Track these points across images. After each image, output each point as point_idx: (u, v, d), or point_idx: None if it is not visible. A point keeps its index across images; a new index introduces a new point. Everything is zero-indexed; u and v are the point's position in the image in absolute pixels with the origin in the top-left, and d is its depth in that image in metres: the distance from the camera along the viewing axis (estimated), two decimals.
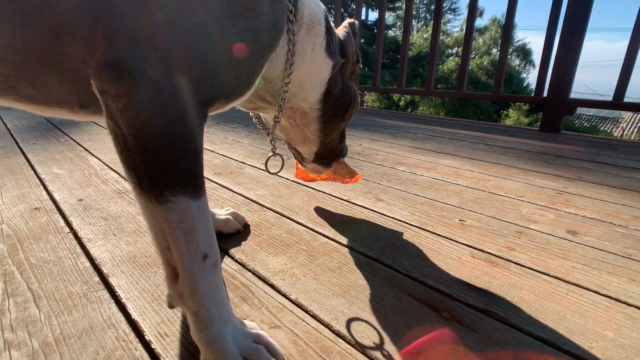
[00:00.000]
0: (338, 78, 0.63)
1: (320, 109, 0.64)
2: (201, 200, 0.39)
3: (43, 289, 0.56)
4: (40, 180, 1.06)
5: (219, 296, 0.42)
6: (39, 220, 0.79)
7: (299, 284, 0.58)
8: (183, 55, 0.36)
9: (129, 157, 0.36)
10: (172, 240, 0.38)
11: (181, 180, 0.37)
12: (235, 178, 1.12)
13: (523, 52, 16.33)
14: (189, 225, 0.38)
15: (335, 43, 0.61)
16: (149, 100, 0.34)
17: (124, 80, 0.33)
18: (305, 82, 0.59)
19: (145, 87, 0.34)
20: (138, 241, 0.71)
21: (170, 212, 0.37)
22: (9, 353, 0.43)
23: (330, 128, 0.68)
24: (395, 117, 2.62)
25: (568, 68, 2.02)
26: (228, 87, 0.43)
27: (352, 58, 0.66)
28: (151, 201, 0.37)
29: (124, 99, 0.34)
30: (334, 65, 0.61)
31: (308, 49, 0.56)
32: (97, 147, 1.47)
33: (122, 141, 0.35)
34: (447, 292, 0.57)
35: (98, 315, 0.50)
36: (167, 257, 0.39)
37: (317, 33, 0.56)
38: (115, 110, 0.34)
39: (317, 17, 0.56)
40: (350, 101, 0.67)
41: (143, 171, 0.36)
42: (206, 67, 0.38)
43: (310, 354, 0.44)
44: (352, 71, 0.68)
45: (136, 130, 0.34)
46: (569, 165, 1.37)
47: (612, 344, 0.47)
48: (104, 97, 0.35)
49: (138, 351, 0.44)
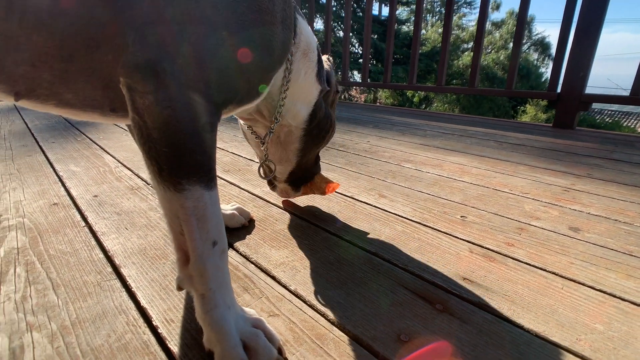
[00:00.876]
0: (322, 103, 0.70)
1: (304, 129, 0.70)
2: (213, 191, 0.43)
3: (61, 277, 0.60)
4: (59, 177, 1.11)
5: (224, 281, 0.45)
6: (58, 215, 0.84)
7: (299, 276, 0.60)
8: (206, 63, 0.40)
9: (151, 148, 0.39)
10: (186, 226, 0.41)
11: (197, 171, 0.41)
12: (243, 175, 1.15)
13: (542, 46, 15.93)
14: (202, 213, 0.41)
15: (323, 71, 0.68)
16: (173, 99, 0.38)
17: (151, 80, 0.37)
18: (296, 100, 0.65)
19: (170, 87, 0.38)
20: (148, 235, 0.75)
21: (186, 199, 0.40)
22: (30, 334, 0.47)
23: (309, 148, 0.74)
24: (405, 114, 2.62)
25: (583, 62, 1.98)
26: (241, 94, 0.48)
27: (334, 88, 0.73)
28: (169, 189, 0.40)
29: (151, 96, 0.37)
30: (321, 91, 0.68)
31: (302, 71, 0.62)
32: (111, 146, 1.53)
33: (146, 134, 0.39)
34: (442, 286, 0.58)
35: (110, 302, 0.54)
36: (180, 242, 0.43)
37: (310, 59, 0.63)
38: (142, 106, 0.38)
39: (311, 45, 0.62)
40: (330, 126, 0.75)
41: (164, 161, 0.39)
42: (225, 75, 0.42)
43: (305, 341, 0.46)
44: (332, 100, 0.76)
45: (160, 125, 0.38)
46: (580, 162, 1.35)
47: (601, 336, 0.48)
48: (131, 93, 0.38)
49: (146, 335, 0.48)
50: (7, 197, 0.94)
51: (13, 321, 0.50)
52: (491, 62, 13.47)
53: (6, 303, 0.54)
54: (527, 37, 15.62)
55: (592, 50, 1.96)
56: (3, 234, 0.75)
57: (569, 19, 2.02)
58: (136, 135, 0.40)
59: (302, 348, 0.45)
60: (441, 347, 0.46)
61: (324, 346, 0.46)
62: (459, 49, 14.89)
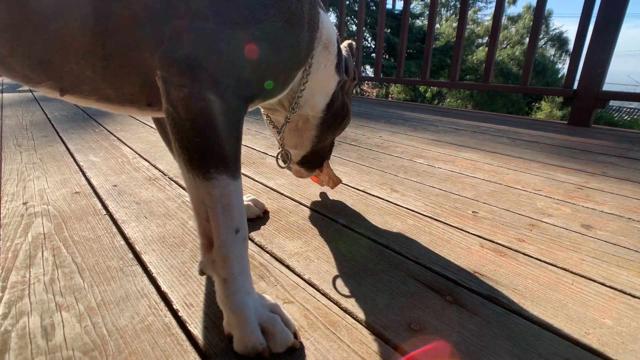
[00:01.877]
0: (339, 93, 0.72)
1: (321, 117, 0.73)
2: (238, 181, 0.45)
3: (85, 262, 0.63)
4: (79, 167, 1.15)
5: (245, 268, 0.47)
6: (80, 203, 0.87)
7: (313, 266, 0.62)
8: (238, 62, 0.42)
9: (183, 138, 0.41)
10: (212, 213, 0.44)
11: (225, 161, 0.43)
12: (257, 168, 1.17)
13: (559, 41, 15.59)
14: (228, 201, 0.44)
15: (342, 63, 0.70)
16: (207, 92, 0.40)
17: (186, 74, 0.40)
18: (315, 92, 0.67)
19: (204, 82, 0.40)
20: (167, 223, 0.77)
21: (214, 187, 0.43)
22: (60, 314, 0.50)
23: (325, 135, 0.77)
24: (417, 110, 2.61)
25: (602, 58, 1.94)
26: (267, 89, 0.50)
27: (351, 76, 0.74)
28: (198, 176, 0.42)
29: (186, 89, 0.40)
30: (339, 82, 0.70)
31: (321, 64, 0.64)
32: (129, 137, 1.56)
33: (179, 124, 0.41)
34: (453, 278, 0.59)
35: (132, 287, 0.57)
36: (205, 228, 0.45)
37: (330, 52, 0.65)
38: (176, 98, 0.40)
39: (332, 39, 0.64)
40: (346, 113, 0.77)
41: (195, 150, 0.42)
42: (255, 73, 0.45)
43: (319, 327, 0.48)
44: (348, 87, 0.78)
45: (193, 116, 0.40)
46: (595, 160, 1.34)
47: (609, 331, 0.48)
48: (166, 86, 0.41)
49: (167, 317, 0.50)
50: (32, 185, 0.98)
51: (43, 301, 0.53)
52: (506, 57, 13.24)
53: (36, 284, 0.57)
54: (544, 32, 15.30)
55: (611, 46, 1.92)
56: (30, 220, 0.78)
57: (588, 13, 1.98)
58: (169, 126, 0.42)
59: (316, 334, 0.47)
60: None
61: (337, 332, 0.47)
62: (474, 44, 14.67)
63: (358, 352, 0.44)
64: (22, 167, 1.14)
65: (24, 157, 1.25)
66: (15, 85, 3.95)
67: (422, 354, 0.44)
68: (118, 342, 0.46)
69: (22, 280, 0.58)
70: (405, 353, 0.44)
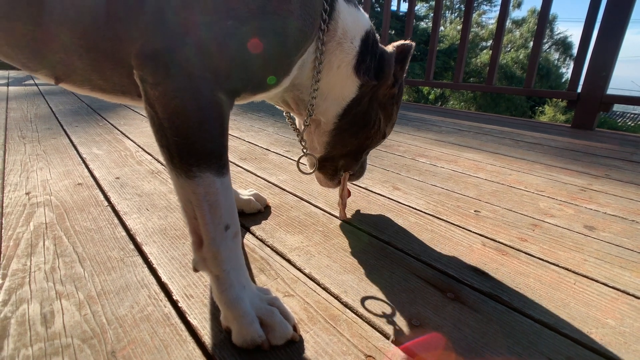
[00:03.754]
0: (365, 98, 0.63)
1: (335, 124, 0.64)
2: (225, 177, 0.44)
3: (86, 252, 0.63)
4: (82, 159, 1.15)
5: (238, 263, 0.46)
6: (82, 194, 0.87)
7: (313, 260, 0.62)
8: (212, 53, 0.41)
9: (163, 137, 0.41)
10: (198, 211, 0.43)
11: (208, 159, 0.42)
12: (259, 163, 1.17)
13: (563, 46, 15.55)
14: (214, 199, 0.43)
15: (370, 63, 0.60)
16: (182, 89, 0.39)
17: (160, 71, 0.39)
18: (327, 95, 0.61)
19: (178, 77, 0.39)
20: (168, 216, 0.77)
21: (197, 185, 0.42)
22: (60, 302, 0.50)
23: (340, 145, 0.68)
24: (421, 110, 2.60)
25: (606, 62, 1.94)
26: (253, 82, 0.48)
27: (386, 81, 0.63)
28: (181, 175, 0.42)
29: (161, 87, 0.39)
30: (361, 85, 0.60)
31: (334, 64, 0.57)
32: (132, 131, 1.57)
33: (158, 123, 0.41)
34: (454, 276, 0.59)
35: (133, 277, 0.56)
36: (194, 225, 0.44)
37: (345, 50, 0.57)
38: (153, 97, 0.40)
39: (349, 34, 0.56)
40: (371, 125, 0.66)
41: (175, 149, 0.41)
42: (234, 62, 0.43)
43: (319, 320, 0.48)
44: (384, 94, 0.65)
45: (170, 114, 0.40)
46: (598, 162, 1.33)
47: (612, 331, 0.48)
48: (143, 84, 0.40)
49: (167, 308, 0.50)
50: (35, 175, 0.98)
51: (43, 289, 0.53)
52: (510, 61, 13.22)
53: (37, 272, 0.57)
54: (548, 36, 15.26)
55: (616, 49, 1.91)
56: (32, 209, 0.78)
57: (593, 17, 1.97)
58: (150, 125, 0.42)
59: (315, 327, 0.47)
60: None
61: (337, 326, 0.47)
62: (478, 47, 14.65)
63: (358, 346, 0.44)
64: (26, 158, 1.14)
65: (27, 148, 1.25)
66: (21, 79, 3.96)
67: (417, 345, 0.44)
68: (117, 331, 0.45)
69: (23, 268, 0.58)
70: (406, 350, 0.44)
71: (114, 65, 0.44)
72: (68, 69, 0.46)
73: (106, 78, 0.46)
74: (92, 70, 0.45)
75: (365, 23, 0.59)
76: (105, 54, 0.43)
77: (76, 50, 0.43)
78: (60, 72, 0.47)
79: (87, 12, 0.41)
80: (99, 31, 0.41)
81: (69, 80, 0.48)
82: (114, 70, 0.45)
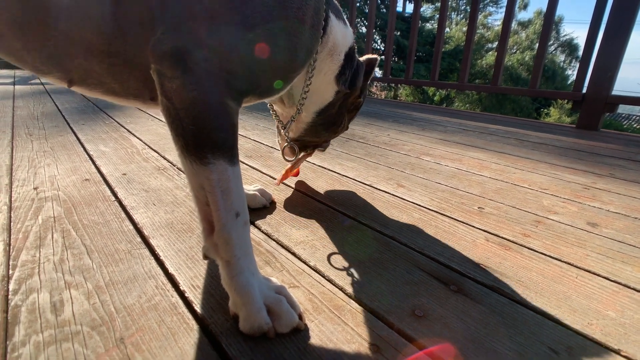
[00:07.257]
0: (337, 103, 0.74)
1: (312, 119, 0.76)
2: (236, 167, 0.46)
3: (94, 244, 0.64)
4: (89, 156, 1.17)
5: (247, 250, 0.47)
6: (89, 190, 0.89)
7: (318, 254, 0.63)
8: (229, 55, 0.43)
9: (179, 126, 0.43)
10: (211, 197, 0.44)
11: (221, 147, 0.44)
12: (265, 161, 1.18)
13: (569, 48, 15.47)
14: (226, 185, 0.44)
15: (348, 75, 0.70)
16: (199, 82, 0.41)
17: (178, 66, 0.41)
18: (312, 95, 0.70)
19: (196, 72, 0.41)
20: (175, 210, 0.78)
21: (211, 172, 0.43)
22: (69, 291, 0.51)
23: (313, 134, 0.81)
24: (426, 110, 2.60)
25: (611, 62, 1.93)
26: (261, 88, 0.51)
27: (355, 92, 0.76)
28: (196, 162, 0.43)
29: (178, 80, 0.41)
30: (338, 91, 0.71)
31: (323, 71, 0.67)
32: (138, 129, 1.58)
33: (174, 114, 0.42)
34: (457, 269, 0.60)
35: (140, 268, 0.57)
36: (206, 212, 0.46)
37: (334, 61, 0.66)
38: (170, 89, 0.42)
39: (338, 48, 0.66)
40: (337, 126, 0.81)
41: (190, 137, 0.43)
42: (248, 69, 0.46)
43: (323, 310, 0.49)
44: (351, 103, 0.79)
45: (187, 105, 0.42)
46: (602, 162, 1.33)
47: (612, 322, 0.48)
48: (160, 78, 0.42)
49: (174, 298, 0.51)
50: (43, 171, 1.00)
51: (53, 279, 0.54)
52: (516, 62, 13.17)
53: (46, 264, 0.58)
54: (554, 37, 15.19)
55: (621, 50, 1.91)
56: (40, 204, 0.80)
57: (599, 18, 1.97)
58: (165, 117, 0.44)
59: (320, 317, 0.48)
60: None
61: (342, 316, 0.48)
62: (483, 49, 14.61)
63: (362, 335, 0.45)
64: (33, 154, 1.16)
65: (35, 145, 1.27)
66: (26, 78, 4.01)
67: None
68: (125, 319, 0.46)
69: (32, 260, 0.59)
70: (410, 339, 0.45)
71: (131, 69, 0.46)
72: (85, 73, 0.48)
73: (121, 82, 0.48)
74: (109, 74, 0.47)
75: (350, 39, 0.68)
76: (125, 58, 0.45)
77: (98, 56, 0.45)
78: (76, 76, 0.48)
79: (115, 18, 0.42)
80: (124, 37, 0.43)
81: (83, 84, 0.50)
82: (130, 74, 0.47)
